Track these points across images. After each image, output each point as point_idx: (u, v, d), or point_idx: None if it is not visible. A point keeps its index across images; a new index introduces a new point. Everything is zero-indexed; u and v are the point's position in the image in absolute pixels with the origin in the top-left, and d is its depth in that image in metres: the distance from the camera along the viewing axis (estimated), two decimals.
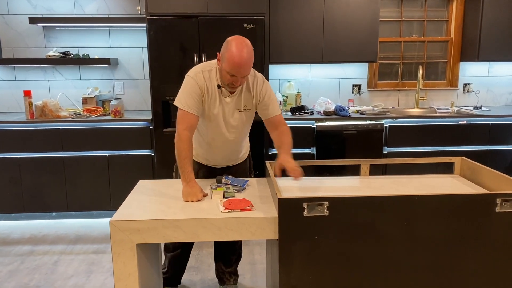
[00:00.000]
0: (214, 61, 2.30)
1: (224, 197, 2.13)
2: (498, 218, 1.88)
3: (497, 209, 1.87)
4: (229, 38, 2.16)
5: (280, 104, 4.09)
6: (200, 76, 2.25)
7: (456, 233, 1.89)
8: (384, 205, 1.85)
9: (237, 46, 2.10)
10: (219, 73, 2.25)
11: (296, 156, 4.06)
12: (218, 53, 2.22)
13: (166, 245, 2.70)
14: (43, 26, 4.19)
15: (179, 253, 2.67)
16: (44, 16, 4.15)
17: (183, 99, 2.25)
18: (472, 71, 4.65)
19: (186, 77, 2.29)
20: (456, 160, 2.55)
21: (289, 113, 4.13)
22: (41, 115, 3.86)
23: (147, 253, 2.09)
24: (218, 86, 2.26)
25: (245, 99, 2.33)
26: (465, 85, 4.65)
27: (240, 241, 2.78)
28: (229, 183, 2.24)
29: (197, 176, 2.30)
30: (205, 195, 2.18)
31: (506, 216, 1.88)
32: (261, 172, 3.28)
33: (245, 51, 2.10)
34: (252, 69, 2.29)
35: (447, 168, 2.66)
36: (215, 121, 2.33)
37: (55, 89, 4.31)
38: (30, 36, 4.22)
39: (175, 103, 2.29)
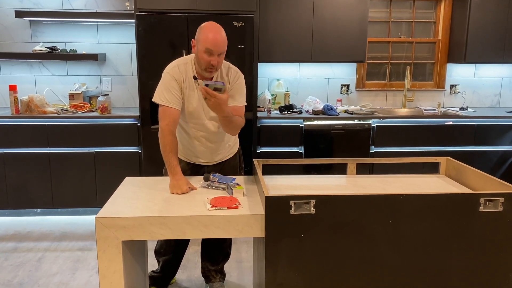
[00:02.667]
0: (189, 56, 2.35)
1: None
2: (482, 218, 1.91)
3: (481, 209, 1.90)
4: (201, 24, 2.24)
5: (268, 102, 4.09)
6: (176, 70, 2.30)
7: (441, 232, 1.91)
8: (370, 203, 1.87)
9: (211, 26, 2.21)
10: (196, 59, 2.28)
11: (284, 155, 4.08)
12: (192, 39, 2.27)
13: (156, 249, 2.68)
14: (30, 20, 4.13)
15: (170, 258, 2.66)
16: (31, 10, 4.09)
17: (162, 95, 2.28)
18: (458, 73, 4.70)
19: (163, 73, 2.33)
20: (441, 160, 2.58)
21: (278, 111, 4.14)
22: (27, 111, 3.81)
23: (133, 250, 2.08)
24: (194, 78, 2.29)
25: None
26: (451, 86, 4.71)
27: (230, 241, 2.77)
28: (216, 180, 2.24)
29: (185, 175, 2.30)
30: (193, 188, 2.20)
31: (489, 215, 1.91)
32: (249, 169, 3.28)
33: (219, 29, 2.21)
34: (228, 62, 2.38)
35: (433, 168, 2.68)
36: (195, 113, 2.35)
37: (42, 84, 4.26)
38: (16, 30, 4.16)
39: (153, 100, 2.30)
